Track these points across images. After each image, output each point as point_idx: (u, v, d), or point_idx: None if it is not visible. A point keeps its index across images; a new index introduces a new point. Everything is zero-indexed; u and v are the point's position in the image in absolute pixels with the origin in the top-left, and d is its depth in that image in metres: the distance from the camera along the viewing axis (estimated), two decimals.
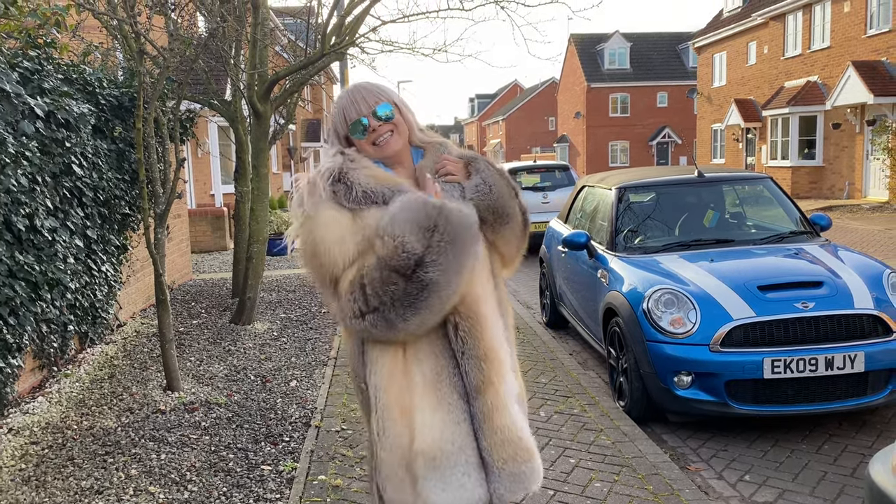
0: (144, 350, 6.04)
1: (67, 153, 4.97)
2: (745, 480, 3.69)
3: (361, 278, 1.74)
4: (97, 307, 5.76)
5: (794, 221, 5.49)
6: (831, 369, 3.97)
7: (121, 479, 3.57)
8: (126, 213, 6.27)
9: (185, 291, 8.97)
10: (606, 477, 3.50)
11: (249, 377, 5.32)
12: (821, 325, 4.04)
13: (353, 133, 1.91)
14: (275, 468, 3.73)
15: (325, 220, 1.79)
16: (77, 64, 5.79)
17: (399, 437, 1.78)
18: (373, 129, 1.90)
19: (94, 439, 4.08)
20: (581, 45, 43.87)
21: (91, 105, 5.51)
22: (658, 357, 4.22)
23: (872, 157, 19.50)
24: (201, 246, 13.33)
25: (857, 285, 4.24)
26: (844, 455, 3.93)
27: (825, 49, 21.53)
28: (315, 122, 29.78)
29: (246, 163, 7.82)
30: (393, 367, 1.81)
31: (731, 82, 27.94)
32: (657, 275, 4.58)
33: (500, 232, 1.92)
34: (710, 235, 5.30)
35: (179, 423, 4.34)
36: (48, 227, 4.64)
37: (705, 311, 4.16)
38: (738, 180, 6.02)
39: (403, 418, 1.78)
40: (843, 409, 4.07)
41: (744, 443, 4.16)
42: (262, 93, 6.84)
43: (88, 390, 4.95)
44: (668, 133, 42.89)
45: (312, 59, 6.81)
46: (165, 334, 4.83)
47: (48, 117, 4.65)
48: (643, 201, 5.83)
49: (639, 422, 4.36)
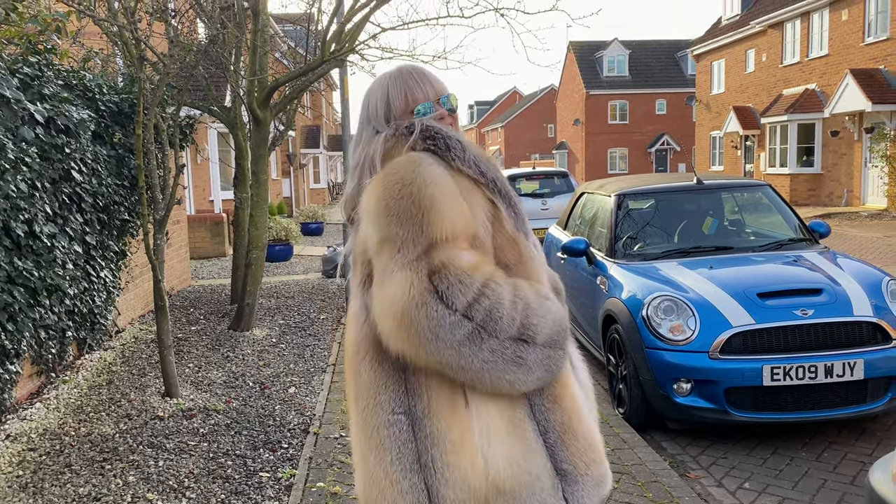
0: (143, 356, 6.03)
1: (67, 159, 4.97)
2: (744, 488, 3.68)
3: (515, 289, 1.40)
4: (96, 313, 5.75)
5: (793, 229, 5.50)
6: (831, 377, 3.96)
7: (119, 486, 3.55)
8: (125, 219, 6.27)
9: (183, 298, 8.96)
10: None
11: (248, 384, 5.31)
12: (820, 333, 4.04)
13: (422, 115, 1.58)
14: (273, 475, 3.72)
15: (433, 172, 1.41)
16: (77, 70, 5.80)
17: (466, 471, 1.42)
18: (441, 116, 1.60)
19: (91, 446, 4.07)
20: (580, 52, 44.01)
21: (91, 111, 5.52)
22: (657, 364, 4.21)
23: (871, 164, 19.55)
24: (200, 252, 13.33)
25: (857, 292, 4.24)
26: (844, 463, 3.93)
27: (823, 57, 21.61)
28: (315, 129, 29.83)
29: (245, 169, 7.83)
30: (452, 393, 1.44)
31: (729, 90, 28.02)
32: (656, 282, 4.58)
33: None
34: (710, 242, 5.30)
35: (178, 429, 4.33)
36: (47, 232, 4.64)
37: (705, 318, 4.16)
38: (737, 187, 6.03)
39: (466, 450, 1.43)
40: (842, 417, 4.07)
41: (743, 450, 4.15)
42: (261, 99, 6.86)
43: (86, 396, 4.94)
44: (666, 140, 42.99)
45: (312, 66, 6.83)
46: (164, 340, 4.82)
47: (48, 123, 4.65)
48: (642, 208, 5.83)
49: (638, 429, 4.35)
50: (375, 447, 1.48)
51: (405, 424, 1.45)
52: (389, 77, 1.64)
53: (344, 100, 7.39)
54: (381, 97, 1.62)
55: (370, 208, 1.42)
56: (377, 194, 1.41)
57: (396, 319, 1.35)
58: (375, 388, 1.49)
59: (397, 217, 1.37)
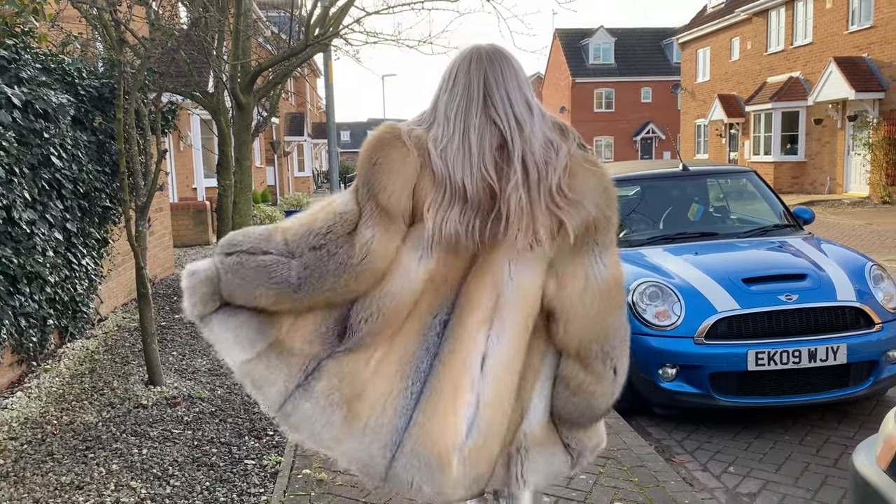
0: (126, 344, 5.97)
1: (46, 144, 4.89)
2: (729, 472, 3.71)
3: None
4: (77, 301, 5.68)
5: (777, 215, 5.52)
6: (814, 361, 3.99)
7: (101, 475, 3.52)
8: (107, 206, 6.18)
9: (167, 286, 8.88)
10: (591, 469, 3.49)
11: (232, 371, 5.27)
12: (804, 318, 4.06)
13: None
14: (258, 462, 3.70)
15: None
16: (56, 54, 5.69)
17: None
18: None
19: (74, 434, 4.02)
20: (566, 39, 43.94)
21: (70, 95, 5.43)
22: (643, 350, 4.22)
23: (853, 152, 19.71)
24: (184, 240, 13.21)
25: (840, 278, 4.27)
26: (827, 446, 3.96)
27: (807, 45, 21.70)
28: (299, 116, 29.60)
29: (228, 156, 7.75)
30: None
31: (714, 78, 28.11)
32: (642, 268, 4.59)
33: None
34: (695, 229, 5.32)
35: (161, 417, 4.29)
36: (26, 219, 4.57)
37: (690, 303, 4.17)
38: (722, 174, 6.05)
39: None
40: (825, 401, 4.11)
41: (728, 434, 4.18)
42: (244, 84, 6.78)
43: (69, 385, 4.88)
44: (652, 129, 43.10)
45: (296, 50, 6.76)
46: (147, 328, 4.77)
47: (26, 107, 4.57)
48: (628, 195, 5.83)
49: (623, 414, 4.37)
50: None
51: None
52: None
53: (328, 85, 7.32)
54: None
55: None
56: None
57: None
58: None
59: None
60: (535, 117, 1.71)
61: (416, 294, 1.69)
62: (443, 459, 1.65)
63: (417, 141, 1.69)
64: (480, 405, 1.67)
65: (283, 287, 1.68)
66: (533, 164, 1.66)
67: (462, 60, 1.75)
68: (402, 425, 1.68)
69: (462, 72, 1.73)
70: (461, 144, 1.67)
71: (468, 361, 1.68)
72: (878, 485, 2.09)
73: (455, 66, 1.76)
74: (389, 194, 1.65)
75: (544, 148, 1.68)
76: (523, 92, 1.72)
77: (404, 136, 1.69)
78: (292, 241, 1.70)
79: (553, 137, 1.71)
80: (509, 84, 1.72)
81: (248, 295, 1.71)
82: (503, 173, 1.66)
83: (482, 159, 1.66)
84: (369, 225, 1.65)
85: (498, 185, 1.66)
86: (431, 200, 1.66)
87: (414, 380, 1.70)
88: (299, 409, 1.73)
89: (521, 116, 1.69)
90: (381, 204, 1.65)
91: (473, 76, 1.72)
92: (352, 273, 1.65)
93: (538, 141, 1.68)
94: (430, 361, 1.70)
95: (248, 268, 1.70)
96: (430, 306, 1.71)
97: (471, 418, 1.67)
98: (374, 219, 1.65)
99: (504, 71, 1.73)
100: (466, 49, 1.78)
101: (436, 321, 1.71)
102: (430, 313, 1.71)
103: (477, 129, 1.68)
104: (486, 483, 1.76)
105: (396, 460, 1.68)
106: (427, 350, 1.71)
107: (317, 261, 1.66)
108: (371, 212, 1.66)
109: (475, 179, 1.65)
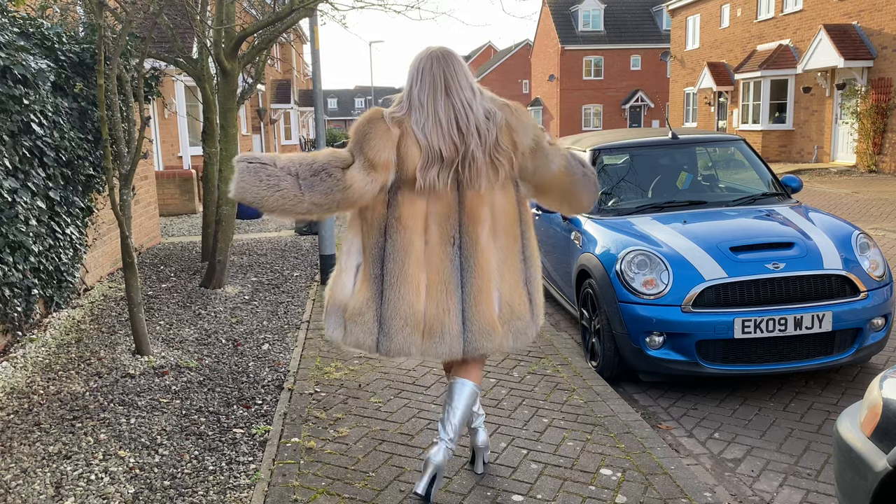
0: (112, 314, 5.94)
1: (26, 111, 4.79)
2: (714, 438, 3.75)
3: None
4: (62, 270, 5.62)
5: (766, 183, 5.52)
6: (800, 329, 4.02)
7: (90, 444, 3.51)
8: (90, 175, 6.09)
9: (153, 255, 8.82)
10: (579, 436, 3.53)
11: (220, 341, 5.26)
12: (790, 286, 4.09)
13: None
14: (247, 431, 3.71)
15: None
16: (34, 18, 5.55)
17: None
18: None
19: (61, 404, 4.01)
20: (555, 6, 43.43)
21: (50, 61, 5.31)
22: (630, 318, 4.24)
23: (841, 121, 19.71)
24: (170, 209, 13.10)
25: (827, 246, 4.29)
26: (810, 412, 4.02)
27: (798, 12, 21.56)
28: (285, 83, 29.20)
29: (213, 123, 7.63)
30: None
31: (704, 45, 27.93)
32: (630, 236, 4.59)
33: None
34: (684, 197, 5.31)
35: (149, 387, 4.28)
36: (8, 187, 4.49)
37: (677, 272, 4.18)
38: (711, 142, 6.02)
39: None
40: (810, 368, 4.15)
41: (713, 402, 4.22)
42: (229, 50, 6.65)
43: (55, 355, 4.85)
44: (641, 97, 42.89)
45: (281, 15, 6.62)
46: (133, 298, 4.74)
47: (4, 73, 4.47)
48: (617, 163, 5.81)
49: (611, 382, 4.41)
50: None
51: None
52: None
53: (314, 51, 7.18)
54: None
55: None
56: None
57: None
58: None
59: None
60: (477, 97, 2.57)
61: (422, 219, 2.57)
62: (494, 327, 2.63)
63: (397, 120, 2.52)
64: (502, 294, 2.67)
65: (291, 185, 2.46)
66: (484, 130, 2.53)
67: (425, 60, 2.57)
68: (461, 311, 2.61)
69: (426, 69, 2.55)
70: (435, 122, 2.50)
71: (487, 270, 2.61)
72: (861, 450, 2.12)
73: (420, 65, 2.57)
74: (375, 151, 2.47)
75: (486, 118, 2.55)
76: (469, 80, 2.57)
77: (386, 117, 2.52)
78: (293, 166, 2.51)
79: (490, 107, 2.57)
80: (459, 75, 2.56)
81: (259, 194, 2.46)
82: (463, 138, 2.51)
83: (451, 130, 2.50)
84: (357, 168, 2.48)
85: (463, 146, 2.51)
86: (420, 164, 2.50)
87: (456, 286, 2.59)
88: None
89: (469, 98, 2.54)
90: (367, 157, 2.47)
91: (436, 72, 2.54)
92: (340, 191, 2.47)
93: (481, 113, 2.55)
94: (459, 275, 2.59)
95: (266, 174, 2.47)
96: (442, 238, 2.57)
97: (498, 302, 2.66)
98: (361, 164, 2.48)
99: (455, 67, 2.57)
100: (425, 51, 2.61)
101: (454, 249, 2.58)
102: (448, 243, 2.57)
103: (444, 110, 2.51)
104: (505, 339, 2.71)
105: (468, 331, 2.60)
106: (456, 267, 2.59)
107: (315, 177, 2.48)
108: (360, 160, 2.48)
109: (447, 144, 2.50)
